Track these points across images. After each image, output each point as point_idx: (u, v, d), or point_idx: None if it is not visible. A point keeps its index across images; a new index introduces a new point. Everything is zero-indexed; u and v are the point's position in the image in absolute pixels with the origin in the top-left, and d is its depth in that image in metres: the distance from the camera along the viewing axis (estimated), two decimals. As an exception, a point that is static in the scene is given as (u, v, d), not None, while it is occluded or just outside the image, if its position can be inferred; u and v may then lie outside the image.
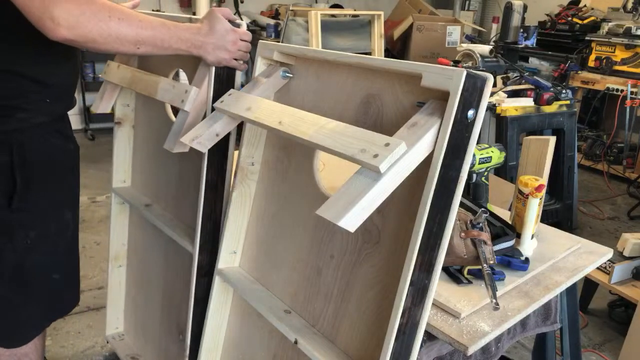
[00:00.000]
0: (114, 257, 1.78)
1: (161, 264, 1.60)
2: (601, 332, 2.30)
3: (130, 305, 1.83)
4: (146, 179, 1.65)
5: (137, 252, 1.76)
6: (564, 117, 3.07)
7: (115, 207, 1.73)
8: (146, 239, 1.68)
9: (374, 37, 4.12)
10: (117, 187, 1.70)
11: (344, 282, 0.99)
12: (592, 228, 3.37)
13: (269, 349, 1.19)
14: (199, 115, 1.20)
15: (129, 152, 1.70)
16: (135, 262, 1.77)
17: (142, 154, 1.66)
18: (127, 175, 1.72)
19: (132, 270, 1.79)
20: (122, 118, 1.66)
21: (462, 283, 1.12)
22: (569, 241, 1.35)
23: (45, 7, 0.92)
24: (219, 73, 1.18)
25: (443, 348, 1.06)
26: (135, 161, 1.70)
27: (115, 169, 1.70)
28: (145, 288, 1.72)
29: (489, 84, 0.77)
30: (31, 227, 1.20)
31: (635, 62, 3.86)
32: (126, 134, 1.68)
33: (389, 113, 0.90)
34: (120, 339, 1.86)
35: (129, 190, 1.71)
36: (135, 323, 1.81)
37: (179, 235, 1.37)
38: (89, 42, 0.98)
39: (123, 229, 1.77)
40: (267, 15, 5.30)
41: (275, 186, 1.18)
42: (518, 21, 4.34)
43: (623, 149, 4.24)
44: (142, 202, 1.59)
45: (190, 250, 1.30)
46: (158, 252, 1.61)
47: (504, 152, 1.42)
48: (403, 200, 0.87)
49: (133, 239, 1.77)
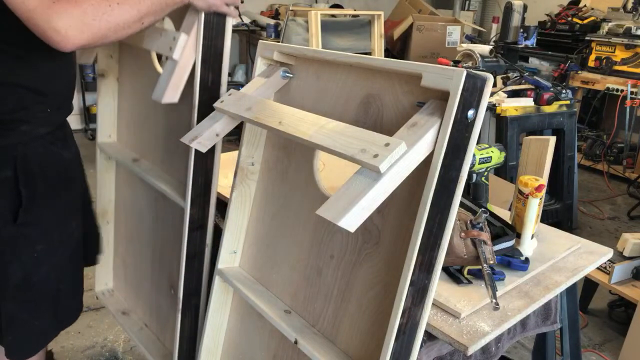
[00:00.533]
0: (101, 213, 1.75)
1: (151, 219, 1.58)
2: (601, 332, 2.30)
3: (119, 261, 1.82)
4: (133, 133, 1.60)
5: (125, 208, 1.73)
6: (564, 117, 3.07)
7: (101, 163, 1.69)
8: (135, 194, 1.65)
9: (374, 37, 4.12)
10: (103, 142, 1.66)
11: (344, 282, 0.99)
12: (592, 228, 3.37)
13: (269, 349, 1.19)
14: (188, 63, 1.15)
15: (114, 106, 1.65)
16: (124, 218, 1.74)
17: (128, 108, 1.61)
18: (113, 130, 1.68)
19: (121, 226, 1.77)
20: (106, 70, 1.61)
21: (462, 283, 1.12)
22: (569, 241, 1.35)
23: (48, 19, 0.89)
24: (208, 19, 1.13)
25: (443, 348, 1.06)
26: (121, 115, 1.65)
27: (100, 123, 1.66)
28: (135, 244, 1.70)
29: (489, 84, 0.77)
30: (38, 241, 1.18)
31: (635, 62, 3.86)
32: (110, 86, 1.63)
33: (389, 113, 0.90)
34: (110, 294, 1.84)
35: (115, 145, 1.66)
36: (125, 279, 1.80)
37: (169, 189, 1.34)
38: (101, 40, 0.97)
39: (110, 185, 1.73)
40: (267, 15, 5.30)
41: (275, 186, 1.18)
42: (518, 21, 4.34)
43: (623, 149, 4.25)
44: (129, 157, 1.54)
45: (181, 204, 1.27)
46: (147, 207, 1.58)
47: (504, 152, 1.42)
48: (403, 200, 0.87)
49: (121, 195, 1.74)
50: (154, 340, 1.62)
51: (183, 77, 1.17)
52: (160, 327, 1.62)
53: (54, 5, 0.90)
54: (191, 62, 1.16)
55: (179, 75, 1.14)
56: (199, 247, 1.33)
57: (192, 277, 1.35)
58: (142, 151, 1.55)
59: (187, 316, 1.38)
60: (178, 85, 1.17)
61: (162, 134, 1.45)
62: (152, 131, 1.49)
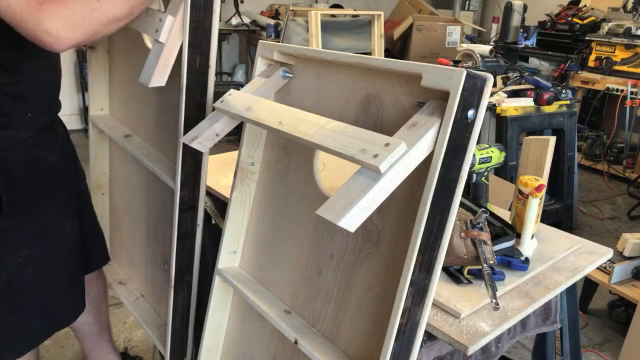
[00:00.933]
0: (96, 185, 1.75)
1: (144, 196, 1.57)
2: (601, 332, 2.30)
3: (115, 233, 1.82)
4: (125, 107, 1.58)
5: (118, 181, 1.72)
6: (564, 117, 3.07)
7: (93, 136, 1.68)
8: (127, 169, 1.64)
9: (374, 37, 4.12)
10: (95, 115, 1.65)
11: (344, 282, 0.99)
12: (592, 228, 3.37)
13: (269, 349, 1.19)
14: (175, 45, 1.13)
15: (105, 79, 1.63)
16: (118, 191, 1.74)
17: (120, 81, 1.59)
18: (105, 103, 1.66)
19: (115, 199, 1.76)
20: (96, 43, 1.58)
21: (462, 283, 1.12)
22: (569, 241, 1.35)
23: (38, 22, 0.87)
24: (195, 0, 1.10)
25: (443, 348, 1.06)
26: (113, 88, 1.63)
27: (92, 96, 1.65)
28: (129, 217, 1.70)
29: (489, 84, 0.77)
30: (22, 247, 1.16)
31: (635, 62, 3.86)
32: (101, 59, 1.60)
33: (389, 113, 0.90)
34: (108, 264, 1.84)
35: (107, 119, 1.64)
36: (121, 249, 1.80)
37: (160, 170, 1.33)
38: (93, 36, 0.95)
39: (104, 157, 1.73)
40: (267, 15, 5.30)
41: (275, 186, 1.18)
42: (518, 21, 4.34)
43: (623, 149, 4.25)
44: (121, 133, 1.53)
45: (172, 186, 1.27)
46: (140, 184, 1.57)
47: (504, 152, 1.42)
48: (403, 200, 0.87)
49: (114, 168, 1.73)
50: (149, 310, 1.63)
51: (170, 60, 1.14)
52: (155, 299, 1.62)
53: (41, 7, 0.88)
54: (178, 45, 1.13)
55: (166, 58, 1.11)
56: (190, 227, 1.32)
57: (184, 255, 1.35)
58: (134, 127, 1.53)
59: (180, 293, 1.39)
60: (165, 68, 1.14)
61: (153, 111, 1.44)
62: (144, 107, 1.47)
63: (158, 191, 1.47)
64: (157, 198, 1.49)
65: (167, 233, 1.37)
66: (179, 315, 1.41)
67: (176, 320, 1.41)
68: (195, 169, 1.27)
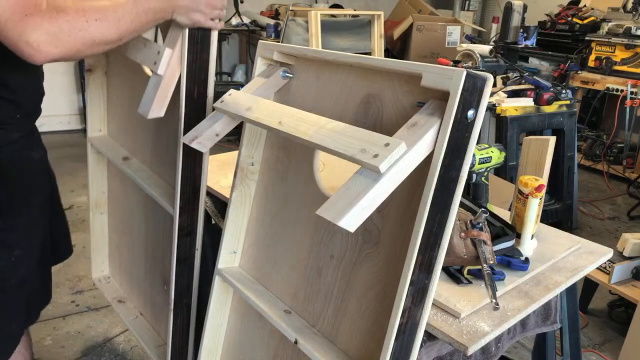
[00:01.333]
0: (94, 204, 1.76)
1: (142, 219, 1.58)
2: (601, 332, 2.30)
3: (114, 250, 1.83)
4: (123, 129, 1.59)
5: (117, 201, 1.73)
6: (564, 117, 3.07)
7: (91, 157, 1.69)
8: (126, 191, 1.65)
9: (374, 37, 4.12)
10: (93, 136, 1.66)
11: (344, 282, 0.99)
12: (592, 228, 3.37)
13: (269, 349, 1.19)
14: (173, 78, 1.15)
15: (104, 100, 1.64)
16: (117, 211, 1.74)
17: (118, 103, 1.60)
18: (103, 124, 1.67)
19: (114, 218, 1.77)
20: (94, 65, 1.60)
21: (462, 283, 1.12)
22: (569, 241, 1.35)
23: (21, 32, 0.88)
24: (193, 33, 1.12)
25: (443, 348, 1.06)
26: (111, 109, 1.64)
27: (90, 117, 1.66)
28: (128, 237, 1.70)
29: (489, 84, 0.77)
30: (15, 246, 1.17)
31: (635, 62, 3.86)
32: (99, 81, 1.62)
33: (388, 113, 0.90)
34: (107, 281, 1.86)
35: (105, 139, 1.66)
36: (120, 267, 1.81)
37: (158, 194, 1.34)
38: (75, 55, 0.95)
39: (102, 177, 1.74)
40: (267, 15, 5.30)
41: (275, 186, 1.18)
42: (518, 21, 4.34)
43: (623, 149, 4.25)
44: (120, 155, 1.54)
45: (170, 211, 1.28)
46: (138, 206, 1.58)
47: (504, 152, 1.42)
48: (403, 200, 0.87)
49: (113, 188, 1.74)
50: (148, 329, 1.63)
51: (168, 92, 1.16)
52: (154, 318, 1.63)
53: (26, 18, 0.88)
54: (176, 77, 1.15)
55: (164, 89, 1.13)
56: (189, 251, 1.34)
57: (183, 278, 1.37)
58: (133, 149, 1.54)
59: (180, 315, 1.40)
60: (164, 99, 1.17)
61: (151, 135, 1.45)
62: (143, 131, 1.48)
63: (157, 215, 1.48)
64: (156, 221, 1.50)
65: (167, 255, 1.38)
66: (179, 335, 1.42)
67: (176, 340, 1.42)
68: (193, 195, 1.28)
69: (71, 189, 3.48)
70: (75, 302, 2.29)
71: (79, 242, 2.81)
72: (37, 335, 2.06)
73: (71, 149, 4.24)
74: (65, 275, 2.49)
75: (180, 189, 1.24)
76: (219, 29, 1.15)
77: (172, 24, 1.13)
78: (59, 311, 2.22)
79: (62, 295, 2.33)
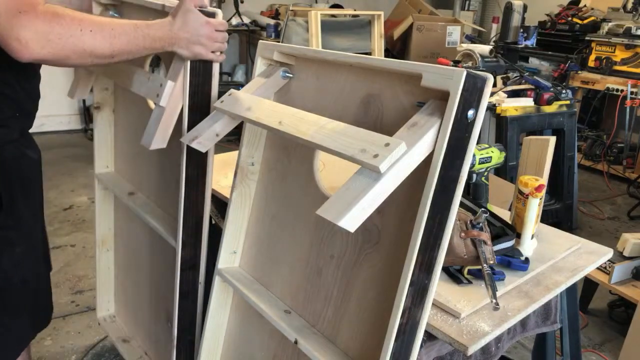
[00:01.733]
0: (101, 241, 1.77)
1: (147, 254, 1.59)
2: (601, 332, 2.30)
3: (119, 288, 1.83)
4: (129, 165, 1.62)
5: (123, 238, 1.74)
6: (564, 117, 3.07)
7: (99, 193, 1.71)
8: (132, 226, 1.66)
9: (374, 37, 4.11)
10: (100, 172, 1.68)
11: (344, 282, 0.99)
12: (592, 228, 3.37)
13: (269, 349, 1.19)
14: (175, 109, 1.17)
15: (111, 137, 1.67)
16: (122, 248, 1.76)
17: (124, 140, 1.63)
18: (110, 161, 1.70)
19: (120, 255, 1.78)
20: (102, 102, 1.63)
21: (462, 283, 1.12)
22: (569, 241, 1.35)
23: (12, 27, 0.88)
24: (194, 66, 1.14)
25: (443, 348, 1.06)
26: (117, 146, 1.67)
27: (97, 154, 1.68)
28: (133, 274, 1.71)
29: (489, 84, 0.77)
30: (17, 244, 1.17)
31: (635, 62, 3.86)
32: (106, 118, 1.65)
33: (389, 113, 0.90)
34: (112, 320, 1.86)
35: (112, 176, 1.68)
36: (126, 305, 1.81)
37: (162, 228, 1.35)
38: (62, 60, 0.95)
39: (109, 214, 1.75)
40: (267, 15, 5.30)
41: (276, 186, 1.18)
42: (518, 21, 4.34)
43: (623, 149, 4.24)
44: (125, 190, 1.56)
45: (173, 245, 1.29)
46: (144, 241, 1.59)
47: (504, 152, 1.42)
48: (403, 200, 0.87)
49: (119, 224, 1.75)
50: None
51: (171, 123, 1.18)
52: (159, 357, 1.63)
53: (20, 14, 0.89)
54: (179, 108, 1.17)
55: (167, 121, 1.15)
56: (192, 286, 1.35)
57: (186, 314, 1.37)
58: (138, 184, 1.57)
59: (182, 351, 1.40)
60: (166, 130, 1.18)
61: (155, 169, 1.48)
62: (147, 165, 1.51)
63: (161, 248, 1.49)
64: (161, 255, 1.51)
65: (171, 291, 1.39)
66: None
67: None
68: (196, 228, 1.29)
69: (71, 189, 3.48)
70: (75, 302, 2.29)
71: (79, 242, 2.81)
72: (37, 335, 2.06)
73: (71, 149, 4.24)
74: (65, 275, 2.49)
75: (183, 220, 1.25)
76: (219, 61, 1.18)
77: (175, 56, 1.15)
78: (59, 311, 2.22)
79: (62, 295, 2.33)
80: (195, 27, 1.09)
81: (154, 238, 1.52)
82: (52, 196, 3.30)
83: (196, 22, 1.09)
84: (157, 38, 1.06)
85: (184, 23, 1.08)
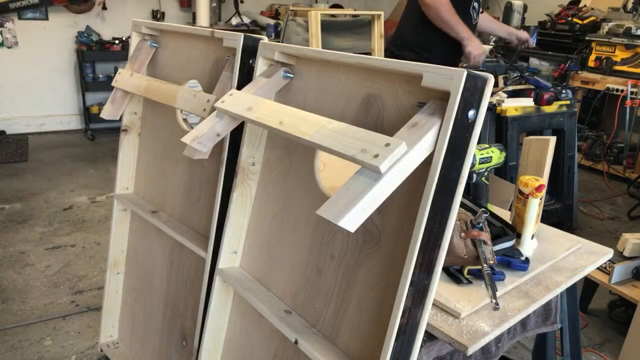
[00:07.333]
0: (112, 263, 1.77)
1: (165, 271, 1.60)
2: (601, 332, 2.30)
3: (126, 312, 1.83)
4: (152, 186, 1.65)
5: (137, 258, 1.75)
6: (564, 117, 3.07)
7: (117, 214, 1.73)
8: (149, 246, 1.68)
9: (374, 37, 4.11)
10: (121, 193, 1.70)
11: (344, 282, 0.99)
12: (592, 228, 3.37)
13: (270, 349, 1.19)
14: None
15: (134, 160, 1.71)
16: (135, 269, 1.76)
17: (148, 162, 1.66)
18: (131, 183, 1.73)
19: (131, 277, 1.78)
20: (130, 126, 1.67)
21: (462, 283, 1.12)
22: (569, 241, 1.35)
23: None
24: (240, 82, 1.19)
25: (443, 348, 1.06)
26: (139, 168, 1.70)
27: (120, 176, 1.70)
28: (145, 295, 1.71)
29: (490, 84, 0.78)
30: None
31: (635, 62, 3.86)
32: (132, 141, 1.69)
33: (389, 113, 0.90)
34: (115, 347, 1.85)
35: (131, 197, 1.71)
36: (132, 330, 1.81)
37: (189, 240, 1.38)
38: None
39: (123, 235, 1.77)
40: (267, 15, 5.30)
41: (276, 186, 1.18)
42: (518, 21, 4.34)
43: (623, 149, 4.25)
44: (147, 209, 1.59)
45: (202, 255, 1.31)
46: (162, 259, 1.61)
47: (504, 152, 1.42)
48: (403, 200, 0.87)
49: (133, 246, 1.76)
50: None
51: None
52: None
53: None
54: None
55: None
56: None
57: None
58: (161, 204, 1.59)
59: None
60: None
61: (182, 187, 1.50)
62: (172, 183, 1.54)
63: (181, 264, 1.51)
64: (180, 272, 1.52)
65: (189, 307, 1.40)
66: None
67: None
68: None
69: (71, 189, 3.48)
70: (75, 302, 2.29)
71: (79, 242, 2.81)
72: (37, 335, 2.06)
73: (71, 149, 4.24)
74: (65, 275, 2.49)
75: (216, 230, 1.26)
76: (478, 64, 2.31)
77: (222, 74, 1.22)
78: (59, 311, 2.22)
79: (62, 295, 2.33)
80: (480, 52, 2.39)
81: (174, 255, 1.54)
82: (52, 196, 3.30)
83: (483, 51, 2.38)
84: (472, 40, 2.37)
85: (481, 46, 2.27)
